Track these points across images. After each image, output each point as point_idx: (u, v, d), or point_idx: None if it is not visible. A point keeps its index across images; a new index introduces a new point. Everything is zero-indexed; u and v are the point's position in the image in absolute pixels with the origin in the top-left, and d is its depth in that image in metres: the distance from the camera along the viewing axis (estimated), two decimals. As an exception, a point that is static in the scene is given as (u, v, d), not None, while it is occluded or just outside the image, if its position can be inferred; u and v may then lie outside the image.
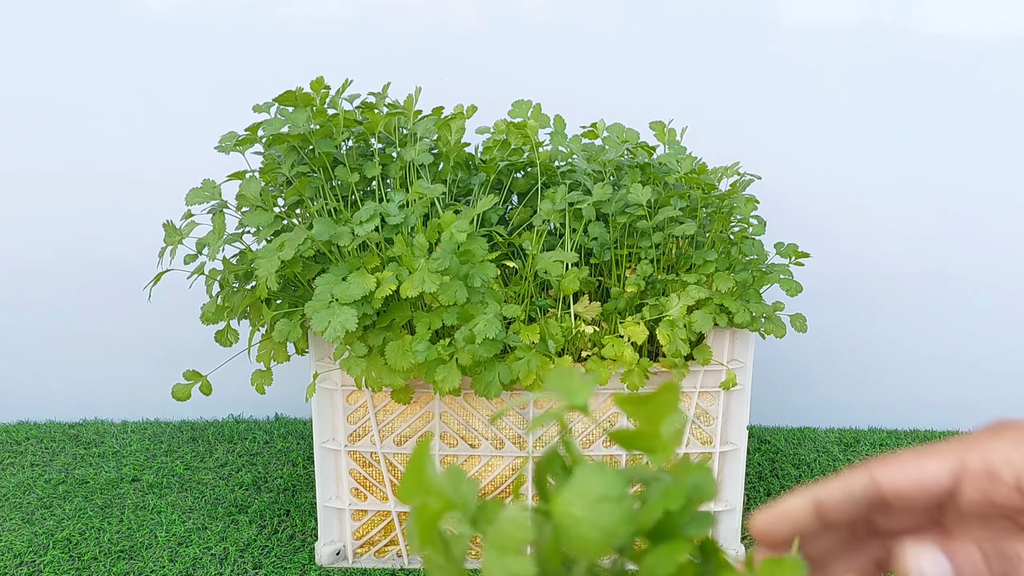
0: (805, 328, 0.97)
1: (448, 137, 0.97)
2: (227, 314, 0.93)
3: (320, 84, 0.89)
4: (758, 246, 0.99)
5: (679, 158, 1.00)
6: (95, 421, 1.50)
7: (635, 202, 0.95)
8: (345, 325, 0.79)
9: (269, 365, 0.94)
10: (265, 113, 0.90)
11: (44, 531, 1.10)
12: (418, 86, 1.01)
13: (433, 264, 0.80)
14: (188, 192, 0.88)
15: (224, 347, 0.96)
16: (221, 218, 0.87)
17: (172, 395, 0.92)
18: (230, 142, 0.89)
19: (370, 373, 0.87)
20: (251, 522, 1.13)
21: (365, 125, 0.94)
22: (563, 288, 0.94)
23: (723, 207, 0.99)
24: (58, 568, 1.01)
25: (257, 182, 0.87)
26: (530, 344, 0.89)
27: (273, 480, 1.26)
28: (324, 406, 0.99)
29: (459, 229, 0.81)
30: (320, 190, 0.93)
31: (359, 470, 1.01)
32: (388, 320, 0.87)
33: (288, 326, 0.86)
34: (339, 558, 1.04)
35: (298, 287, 0.94)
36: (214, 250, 0.85)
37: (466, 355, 0.84)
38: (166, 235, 0.89)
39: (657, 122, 1.05)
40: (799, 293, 0.95)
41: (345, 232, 0.85)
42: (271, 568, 1.02)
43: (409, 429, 0.98)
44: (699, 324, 0.92)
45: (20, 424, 1.48)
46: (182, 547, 1.07)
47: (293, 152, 0.91)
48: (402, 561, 1.04)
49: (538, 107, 1.04)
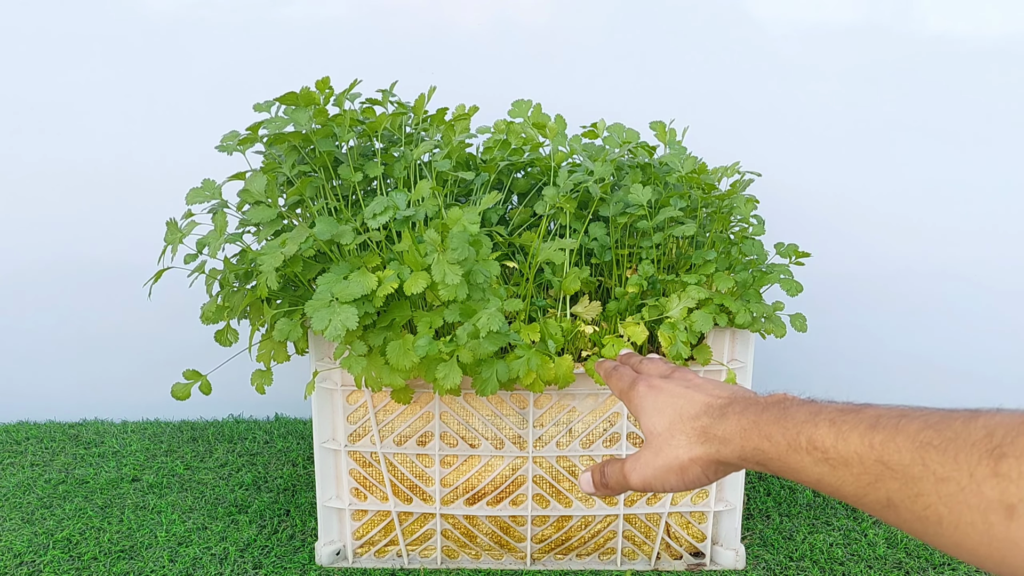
0: (805, 328, 0.97)
1: (451, 137, 0.97)
2: (227, 314, 0.93)
3: (325, 84, 0.89)
4: (758, 246, 0.99)
5: (680, 158, 1.00)
6: (95, 421, 1.50)
7: (635, 202, 0.95)
8: (346, 324, 0.79)
9: (269, 365, 0.94)
10: (266, 112, 0.90)
11: (44, 531, 1.10)
12: (432, 86, 1.01)
13: (452, 255, 0.80)
14: (188, 192, 0.88)
15: (224, 347, 0.96)
16: (222, 217, 0.87)
17: (172, 395, 0.92)
18: (232, 141, 0.89)
19: (370, 373, 0.87)
20: (251, 522, 1.13)
21: (368, 124, 0.94)
22: (563, 288, 0.94)
23: (723, 207, 0.99)
24: (58, 568, 1.01)
25: (262, 178, 0.87)
26: (530, 343, 0.89)
27: (273, 480, 1.26)
28: (324, 406, 0.99)
29: (471, 222, 0.81)
30: (321, 189, 0.93)
31: (359, 470, 1.01)
32: (388, 319, 0.87)
33: (288, 325, 0.86)
34: (339, 558, 1.04)
35: (298, 287, 0.94)
36: (215, 248, 0.85)
37: (467, 352, 0.84)
38: (167, 233, 0.89)
39: (657, 122, 1.05)
40: (799, 293, 0.95)
41: (347, 231, 0.85)
42: (271, 568, 1.02)
43: (409, 429, 0.98)
44: (699, 324, 0.92)
45: (20, 424, 1.48)
46: (182, 547, 1.06)
47: (294, 152, 0.91)
48: (402, 561, 1.04)
49: (538, 107, 1.04)
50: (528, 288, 0.94)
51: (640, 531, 1.03)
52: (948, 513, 0.34)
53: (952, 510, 0.34)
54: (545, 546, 1.04)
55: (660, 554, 1.05)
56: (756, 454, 0.44)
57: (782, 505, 1.19)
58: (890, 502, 0.37)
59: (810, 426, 0.41)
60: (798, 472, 0.42)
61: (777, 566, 1.04)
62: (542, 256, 0.91)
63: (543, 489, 1.00)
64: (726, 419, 0.47)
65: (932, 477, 0.34)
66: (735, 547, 1.03)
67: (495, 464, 0.99)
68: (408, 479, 1.00)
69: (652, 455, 0.50)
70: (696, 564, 1.05)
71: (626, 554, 1.05)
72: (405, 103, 1.01)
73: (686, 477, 0.49)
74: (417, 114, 0.99)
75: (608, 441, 0.99)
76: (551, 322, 0.92)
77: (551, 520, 1.02)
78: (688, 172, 0.98)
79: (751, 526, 1.13)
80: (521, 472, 0.99)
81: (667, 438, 0.50)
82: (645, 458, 0.50)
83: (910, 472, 0.36)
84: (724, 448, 0.47)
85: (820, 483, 0.41)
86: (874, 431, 0.38)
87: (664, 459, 0.49)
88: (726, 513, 1.03)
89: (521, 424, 0.98)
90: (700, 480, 0.49)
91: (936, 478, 0.34)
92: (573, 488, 1.00)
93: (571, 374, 0.89)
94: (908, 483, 0.36)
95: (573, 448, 0.98)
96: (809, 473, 0.41)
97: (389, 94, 0.99)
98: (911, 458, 0.36)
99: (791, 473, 0.42)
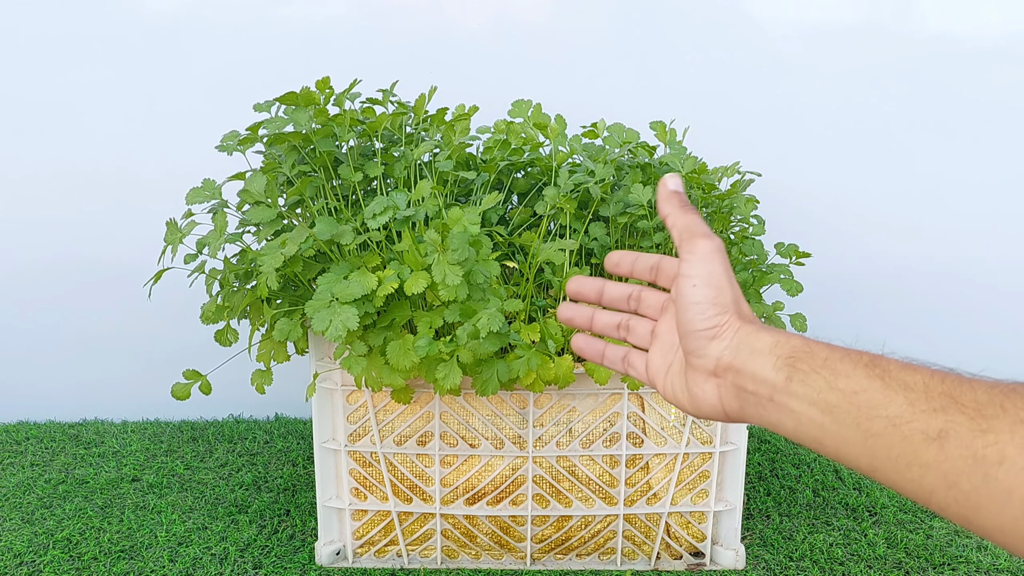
0: (805, 328, 0.97)
1: (452, 137, 0.97)
2: (227, 314, 0.93)
3: (325, 84, 0.89)
4: (758, 246, 0.99)
5: (680, 158, 1.00)
6: (95, 421, 1.50)
7: (636, 202, 0.95)
8: (346, 324, 0.79)
9: (269, 365, 0.94)
10: (266, 112, 0.90)
11: (44, 531, 1.10)
12: (433, 86, 1.01)
13: (453, 255, 0.80)
14: (188, 192, 0.88)
15: (224, 347, 0.96)
16: (222, 217, 0.87)
17: (172, 395, 0.92)
18: (232, 141, 0.89)
19: (370, 373, 0.87)
20: (251, 522, 1.13)
21: (368, 124, 0.94)
22: (564, 288, 0.94)
23: (723, 207, 0.99)
24: (58, 568, 1.01)
25: (262, 178, 0.87)
26: (530, 343, 0.89)
27: (273, 480, 1.25)
28: (324, 406, 0.99)
29: (471, 222, 0.81)
30: (321, 190, 0.93)
31: (359, 470, 1.01)
32: (388, 319, 0.87)
33: (288, 325, 0.86)
34: (339, 558, 1.04)
35: (298, 287, 0.94)
36: (215, 248, 0.85)
37: (467, 352, 0.84)
38: (167, 233, 0.89)
39: (658, 122, 1.05)
40: (799, 293, 0.95)
41: (347, 231, 0.85)
42: (271, 568, 1.02)
43: (409, 429, 0.98)
44: (699, 324, 0.92)
45: (20, 424, 1.48)
46: (182, 547, 1.06)
47: (294, 151, 0.91)
48: (402, 561, 1.04)
49: (538, 107, 1.04)
50: (528, 288, 0.94)
51: (640, 531, 1.03)
52: (1016, 455, 0.32)
53: (1022, 452, 0.32)
54: (545, 546, 1.04)
55: (660, 554, 1.05)
56: (795, 347, 0.43)
57: (782, 505, 1.19)
58: (942, 433, 0.35)
59: (874, 354, 0.40)
60: (837, 375, 0.39)
61: (777, 566, 1.04)
62: (542, 256, 0.91)
63: (543, 489, 1.00)
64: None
65: (1010, 418, 0.33)
66: (735, 547, 1.03)
67: (495, 464, 0.99)
68: (408, 479, 1.00)
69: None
70: (696, 564, 1.05)
71: (626, 554, 1.05)
72: (405, 103, 1.01)
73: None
74: (417, 114, 0.99)
75: (608, 441, 0.99)
76: (551, 322, 0.92)
77: (551, 520, 1.02)
78: (688, 172, 0.98)
79: (751, 526, 1.13)
80: (521, 472, 0.99)
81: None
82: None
83: (985, 410, 0.34)
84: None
85: (856, 396, 0.38)
86: (946, 375, 0.37)
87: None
88: (726, 513, 1.03)
89: (521, 424, 0.98)
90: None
91: (1015, 419, 0.33)
92: (573, 488, 1.00)
93: (571, 374, 0.89)
94: (978, 418, 0.34)
95: (573, 448, 0.98)
96: (853, 381, 0.39)
97: (389, 94, 0.99)
98: (988, 398, 0.34)
99: (828, 373, 0.40)
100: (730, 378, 0.45)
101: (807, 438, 0.41)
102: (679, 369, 0.49)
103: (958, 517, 0.35)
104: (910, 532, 1.11)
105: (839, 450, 0.39)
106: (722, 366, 0.45)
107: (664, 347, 0.51)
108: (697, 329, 0.46)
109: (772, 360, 0.43)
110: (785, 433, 0.42)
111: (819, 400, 0.40)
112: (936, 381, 0.36)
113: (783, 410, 0.42)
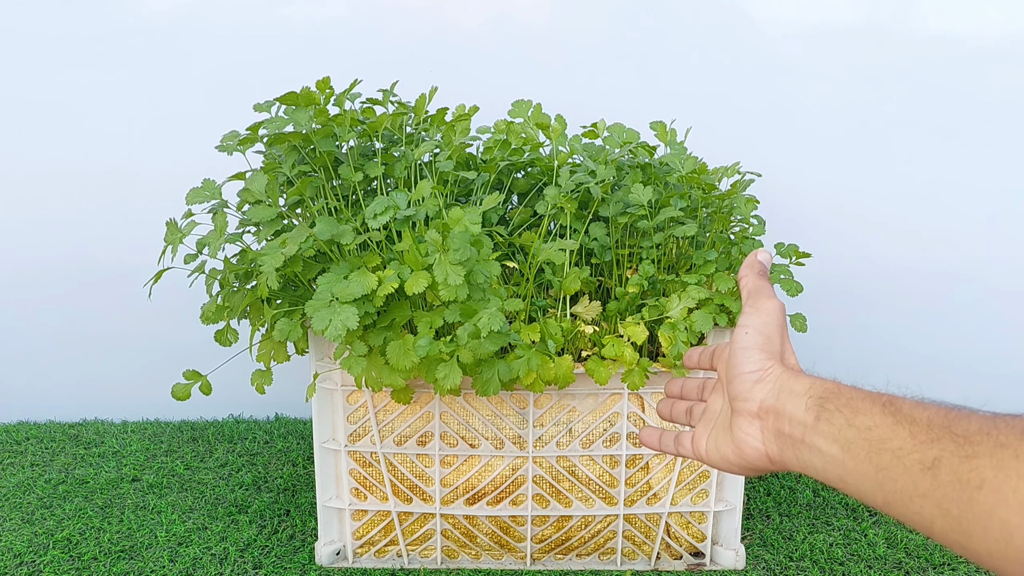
0: (805, 328, 0.97)
1: (452, 137, 0.97)
2: (227, 314, 0.93)
3: (326, 84, 0.89)
4: (758, 246, 0.99)
5: (680, 158, 1.00)
6: (95, 421, 1.50)
7: (636, 202, 0.95)
8: (346, 323, 0.79)
9: (269, 365, 0.94)
10: (266, 112, 0.90)
11: (44, 531, 1.10)
12: (434, 86, 1.01)
13: (454, 255, 0.80)
14: (188, 192, 0.88)
15: (224, 347, 0.96)
16: (222, 217, 0.87)
17: (172, 395, 0.92)
18: (232, 141, 0.89)
19: (370, 373, 0.87)
20: (251, 522, 1.13)
21: (368, 124, 0.94)
22: (564, 288, 0.94)
23: (723, 207, 0.99)
24: (58, 568, 1.01)
25: (262, 177, 0.87)
26: (530, 343, 0.89)
27: (273, 480, 1.25)
28: (324, 406, 0.99)
29: (472, 222, 0.81)
30: (321, 189, 0.93)
31: (359, 470, 1.01)
32: (389, 319, 0.87)
33: (288, 325, 0.86)
34: (339, 558, 1.04)
35: (298, 287, 0.94)
36: (215, 248, 0.85)
37: (467, 352, 0.84)
38: (167, 233, 0.89)
39: (658, 122, 1.05)
40: (799, 293, 0.95)
41: (347, 231, 0.85)
42: (271, 568, 1.02)
43: (409, 429, 0.98)
44: (699, 324, 0.92)
45: (20, 424, 1.48)
46: (182, 547, 1.06)
47: (294, 151, 0.91)
48: (402, 561, 1.04)
49: (539, 107, 1.04)
50: (528, 288, 0.94)
51: (640, 531, 1.03)
52: (993, 477, 0.34)
53: (998, 474, 0.34)
54: (545, 546, 1.04)
55: (660, 554, 1.05)
56: (826, 389, 0.46)
57: (782, 505, 1.19)
58: (936, 462, 0.37)
59: (897, 396, 0.43)
60: (857, 412, 0.42)
61: (777, 566, 1.04)
62: (542, 256, 0.91)
63: (543, 489, 1.00)
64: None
65: (992, 442, 0.35)
66: (735, 547, 1.03)
67: (495, 464, 0.99)
68: (408, 479, 1.00)
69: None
70: (696, 564, 1.05)
71: (626, 554, 1.05)
72: (406, 103, 1.01)
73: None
74: (418, 114, 0.99)
75: (608, 441, 0.99)
76: (551, 322, 0.92)
77: (551, 520, 1.02)
78: (688, 172, 0.98)
79: (751, 526, 1.13)
80: (521, 472, 0.99)
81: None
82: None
83: (972, 437, 0.37)
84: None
85: (869, 432, 0.41)
86: (951, 410, 0.39)
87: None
88: (726, 513, 1.03)
89: (521, 424, 0.98)
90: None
91: (995, 443, 0.35)
92: (573, 488, 1.00)
93: (571, 374, 0.89)
94: (965, 445, 0.36)
95: (573, 448, 0.98)
96: (868, 417, 0.42)
97: (390, 94, 0.99)
98: (978, 427, 0.37)
99: (849, 412, 0.43)
100: (771, 421, 0.48)
101: (833, 477, 0.43)
102: (724, 424, 0.52)
103: (956, 545, 0.37)
104: (910, 532, 1.11)
105: (858, 487, 0.42)
106: (764, 408, 0.48)
107: (708, 417, 0.56)
108: (744, 372, 0.50)
109: (805, 401, 0.46)
110: (816, 474, 0.45)
111: (839, 437, 0.43)
112: (940, 415, 0.39)
113: (813, 450, 0.45)
